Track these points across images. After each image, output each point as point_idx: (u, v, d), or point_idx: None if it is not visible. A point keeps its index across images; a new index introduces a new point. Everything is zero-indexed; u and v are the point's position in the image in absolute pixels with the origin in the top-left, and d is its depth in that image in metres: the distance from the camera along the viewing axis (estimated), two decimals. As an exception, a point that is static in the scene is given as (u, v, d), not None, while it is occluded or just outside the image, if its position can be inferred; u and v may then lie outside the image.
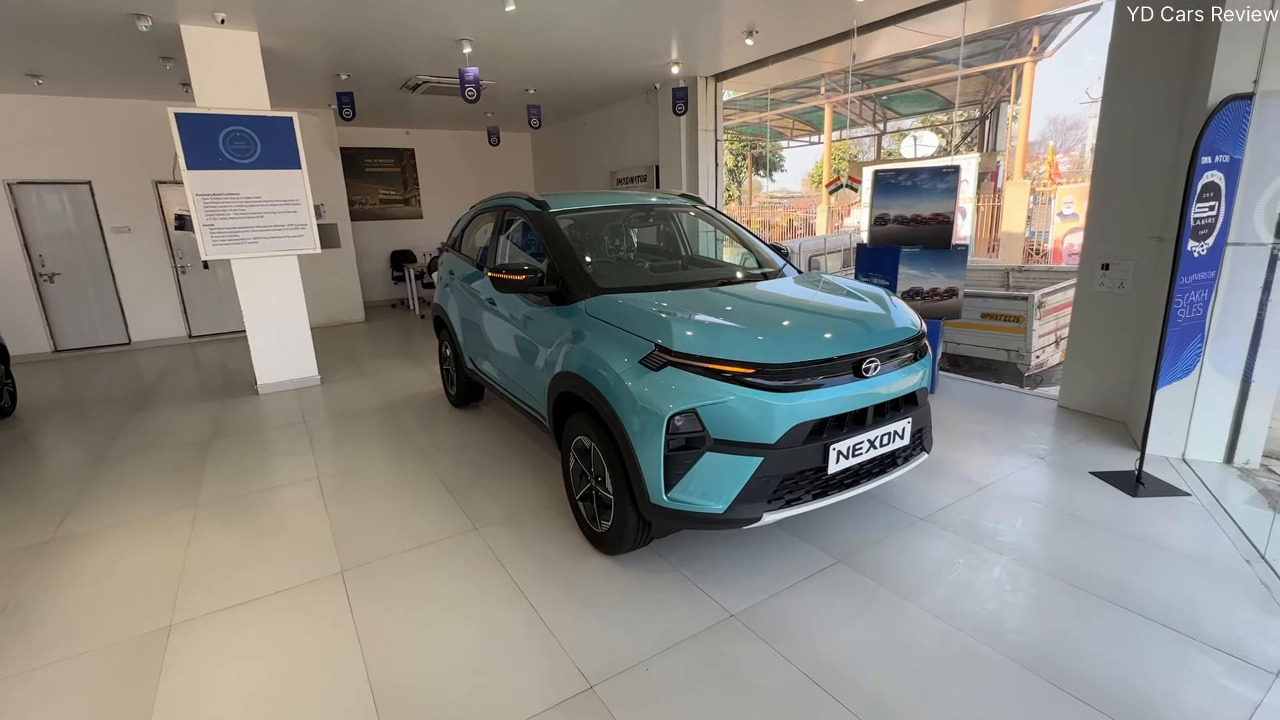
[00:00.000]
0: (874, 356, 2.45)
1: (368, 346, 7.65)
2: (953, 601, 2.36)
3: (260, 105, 5.25)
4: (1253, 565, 2.53)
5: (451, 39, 5.60)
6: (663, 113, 8.04)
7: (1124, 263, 3.96)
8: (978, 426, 4.14)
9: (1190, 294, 3.17)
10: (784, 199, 30.60)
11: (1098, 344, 4.18)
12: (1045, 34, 10.57)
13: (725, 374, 2.27)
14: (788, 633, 2.22)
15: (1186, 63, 3.51)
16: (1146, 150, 3.75)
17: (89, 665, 2.22)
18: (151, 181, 7.88)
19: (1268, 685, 1.92)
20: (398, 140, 10.78)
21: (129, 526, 3.26)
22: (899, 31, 6.00)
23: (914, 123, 21.04)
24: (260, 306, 5.59)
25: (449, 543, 2.93)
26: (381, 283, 11.03)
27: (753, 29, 5.69)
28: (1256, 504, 3.06)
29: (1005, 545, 2.72)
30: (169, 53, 5.57)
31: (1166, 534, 2.77)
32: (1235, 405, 3.42)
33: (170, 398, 5.73)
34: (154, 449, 4.39)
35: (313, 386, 5.83)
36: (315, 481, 3.70)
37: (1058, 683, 1.95)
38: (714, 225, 3.98)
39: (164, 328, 8.34)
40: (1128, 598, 2.34)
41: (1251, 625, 2.18)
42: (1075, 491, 3.20)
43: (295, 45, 5.62)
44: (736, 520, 2.31)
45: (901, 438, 2.59)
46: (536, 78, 7.33)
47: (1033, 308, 5.56)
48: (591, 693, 1.99)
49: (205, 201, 5.14)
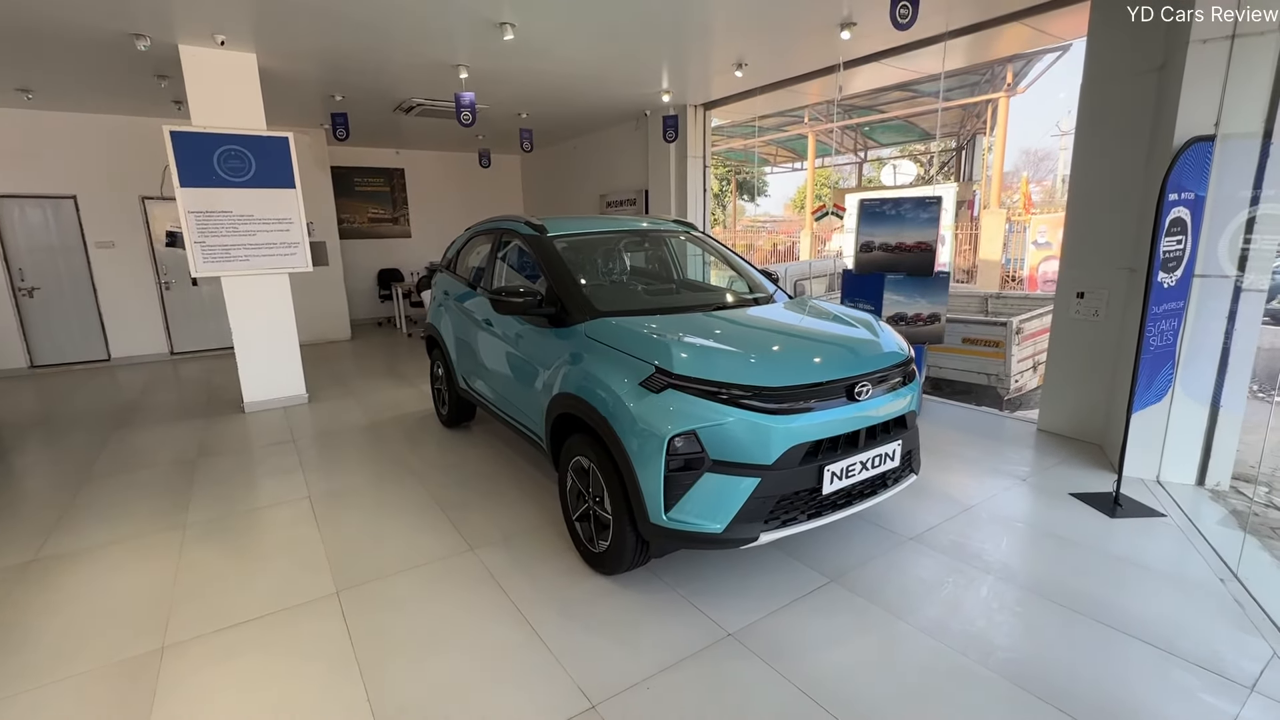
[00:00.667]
0: (866, 380, 2.54)
1: (355, 365, 7.61)
2: (943, 620, 2.42)
3: (256, 125, 5.29)
4: (1226, 584, 2.63)
5: (448, 64, 5.71)
6: (652, 138, 8.23)
7: (1098, 291, 4.14)
8: (961, 449, 4.25)
9: (1161, 323, 3.33)
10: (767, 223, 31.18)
11: (1074, 369, 4.34)
12: (1018, 70, 11.04)
13: (724, 396, 2.34)
14: (784, 651, 2.26)
15: (1153, 106, 3.72)
16: (1117, 186, 3.95)
17: (79, 689, 2.18)
18: (139, 197, 7.83)
19: (1243, 699, 2.00)
20: (388, 160, 10.85)
21: (116, 546, 3.20)
22: (881, 66, 6.25)
23: (893, 152, 21.67)
24: (250, 324, 5.56)
25: (445, 563, 2.93)
26: (368, 301, 11.00)
27: (742, 62, 5.89)
28: (1228, 524, 3.19)
29: (992, 565, 2.80)
30: (165, 71, 5.60)
31: (1144, 553, 2.88)
32: (1205, 429, 3.57)
33: (154, 415, 5.64)
34: (138, 467, 4.32)
35: (300, 405, 5.79)
36: (307, 501, 3.67)
37: (1046, 698, 2.01)
38: (708, 251, 4.09)
39: (145, 344, 8.22)
40: (1109, 615, 2.43)
41: (1227, 641, 2.27)
42: (1056, 512, 3.31)
43: (292, 67, 5.69)
44: (734, 540, 2.36)
45: (892, 459, 2.67)
46: (530, 102, 7.47)
47: (1011, 333, 5.75)
48: (594, 712, 2.00)
49: (198, 219, 5.14)
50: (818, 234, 17.54)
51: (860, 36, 5.22)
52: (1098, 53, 3.99)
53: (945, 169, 19.84)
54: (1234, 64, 3.17)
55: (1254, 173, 3.24)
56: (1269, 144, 3.19)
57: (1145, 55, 3.73)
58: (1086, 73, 4.06)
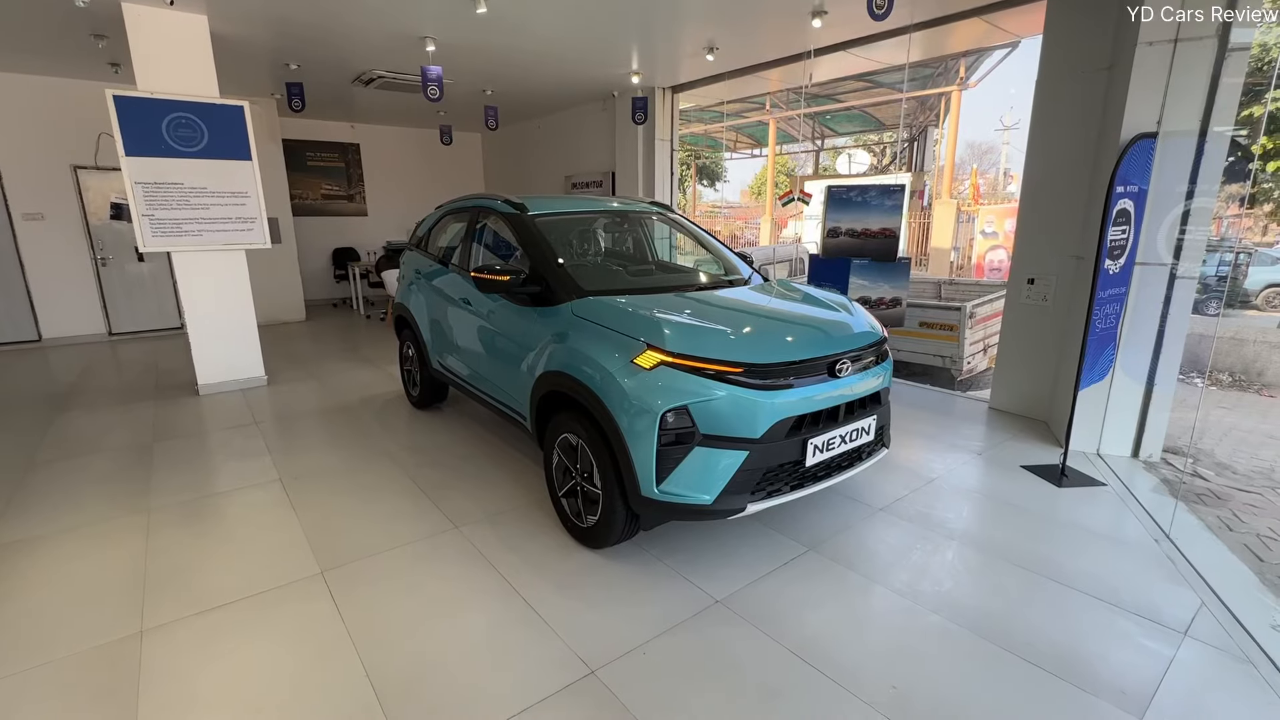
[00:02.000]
0: (846, 358, 2.66)
1: (313, 347, 7.36)
2: (914, 582, 2.59)
3: (209, 92, 5.01)
4: (1159, 543, 2.90)
5: (414, 36, 5.54)
6: (620, 120, 8.19)
7: (1047, 278, 4.41)
8: (921, 426, 4.48)
9: (1106, 307, 3.59)
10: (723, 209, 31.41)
11: (1024, 351, 4.62)
12: (970, 65, 11.46)
13: (714, 373, 2.42)
14: (771, 615, 2.38)
15: (1102, 103, 3.96)
16: (1066, 178, 4.20)
17: (57, 675, 2.11)
18: (70, 166, 7.30)
19: (1177, 643, 2.23)
20: (343, 134, 10.43)
21: (74, 533, 3.06)
22: (845, 56, 6.40)
23: (848, 141, 22.14)
24: (204, 302, 5.31)
25: (430, 542, 2.93)
26: (323, 281, 10.62)
27: (713, 46, 5.92)
28: (1160, 492, 3.49)
29: (955, 531, 3.00)
30: (103, 30, 5.23)
31: (1088, 518, 3.13)
32: (1141, 406, 3.88)
33: (98, 399, 5.34)
34: (89, 452, 4.10)
35: (259, 387, 5.58)
36: (278, 484, 3.58)
37: (1009, 648, 2.19)
38: (685, 233, 4.14)
39: (80, 324, 7.72)
40: (1059, 572, 2.65)
41: (1163, 593, 2.52)
42: (1010, 483, 3.55)
43: (245, 31, 5.40)
44: (723, 511, 2.46)
45: (868, 434, 2.82)
46: (496, 79, 7.31)
47: (965, 318, 6.05)
48: (593, 676, 2.07)
49: (145, 190, 4.86)
50: (778, 220, 17.83)
51: (830, 25, 5.32)
52: (1052, 50, 4.21)
53: (898, 159, 20.43)
54: (1176, 66, 3.42)
55: (1190, 169, 3.51)
56: (1204, 142, 3.46)
57: (1096, 55, 3.96)
58: (1041, 69, 4.28)
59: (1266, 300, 10.96)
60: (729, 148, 24.21)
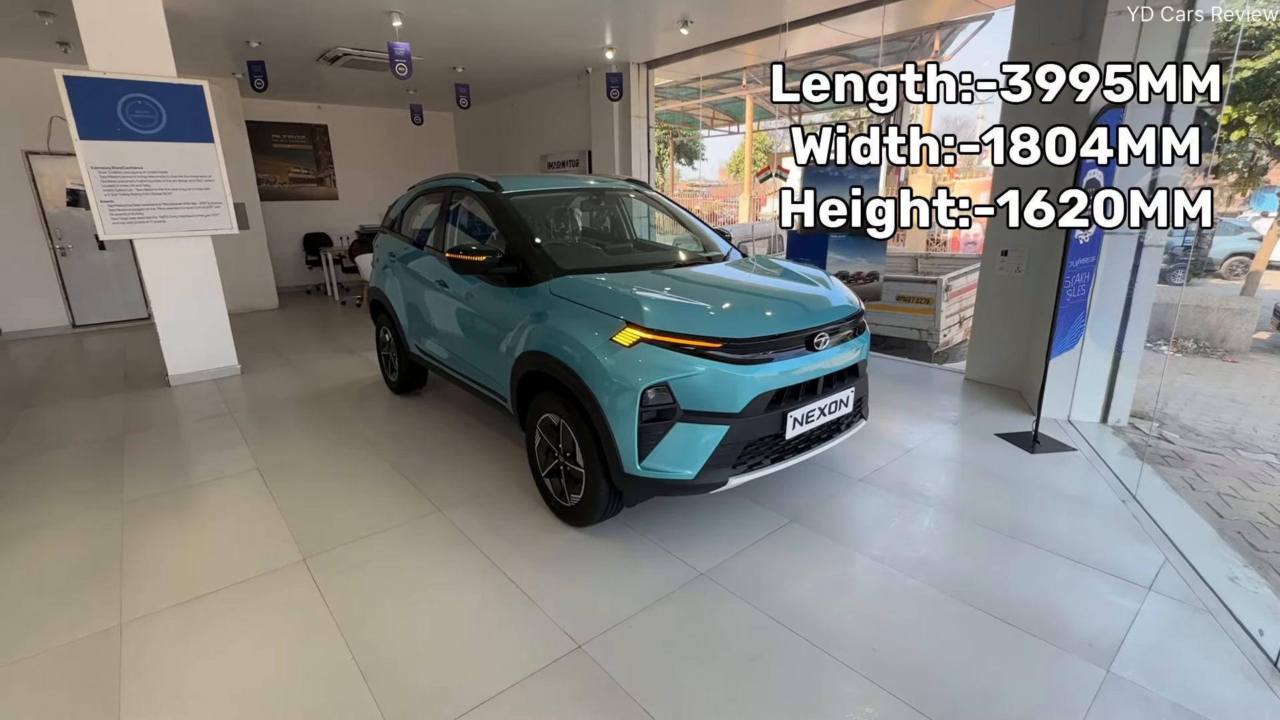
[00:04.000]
0: (823, 332, 2.68)
1: (287, 335, 7.22)
2: (893, 549, 2.65)
3: (165, 71, 4.81)
4: (1126, 504, 3.00)
5: (380, 11, 5.37)
6: (595, 97, 8.06)
7: (1020, 250, 4.47)
8: (898, 398, 4.56)
9: (1076, 276, 3.65)
10: (702, 187, 31.24)
11: (998, 322, 4.70)
12: (945, 38, 11.44)
13: (694, 349, 2.42)
14: (754, 585, 2.42)
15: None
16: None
17: (36, 670, 2.07)
18: (21, 152, 7.00)
19: (1142, 597, 2.32)
20: (309, 115, 10.13)
21: (45, 529, 2.99)
22: (820, 29, 6.35)
23: (825, 117, 22.10)
24: (170, 291, 5.16)
25: (413, 525, 2.92)
26: (295, 267, 10.38)
27: (687, 19, 5.83)
28: (1127, 455, 3.60)
29: (932, 499, 3.07)
30: (47, 7, 4.98)
31: (1059, 482, 3.22)
32: (1110, 373, 3.98)
33: (63, 392, 5.19)
34: (56, 447, 4.00)
35: (233, 376, 5.47)
36: (256, 473, 3.53)
37: (983, 608, 2.26)
38: (663, 211, 4.12)
39: (41, 317, 7.47)
40: (1031, 535, 2.73)
41: (1128, 552, 2.61)
42: (984, 451, 3.63)
43: (202, 7, 5.20)
44: (705, 485, 2.48)
45: (846, 406, 2.85)
46: (466, 56, 7.14)
47: (941, 291, 6.13)
48: (581, 651, 2.10)
49: (103, 175, 4.68)
50: (757, 197, 17.80)
51: (805, -3, 5.28)
52: (1024, 21, 4.22)
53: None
54: (1144, 35, 3.45)
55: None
56: (1170, 110, 3.51)
57: (1067, 25, 3.98)
58: (1014, 40, 4.29)
59: (1230, 269, 11.28)
60: (706, 125, 24.05)
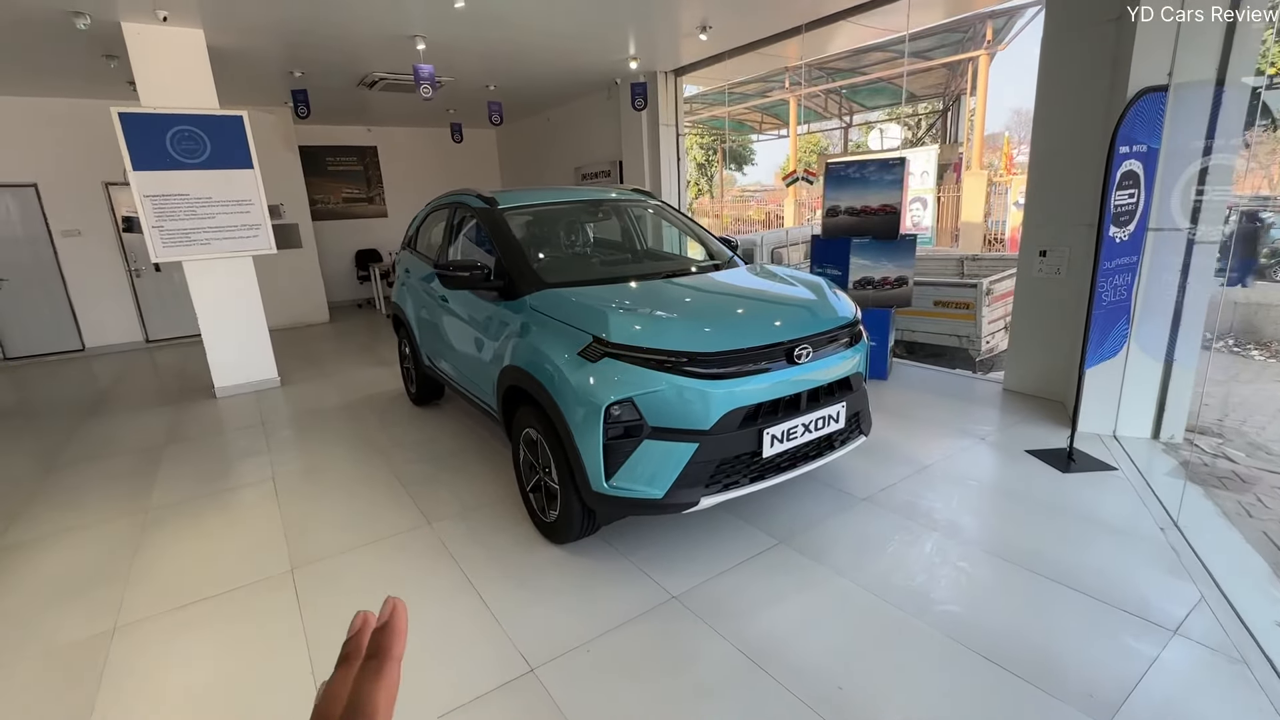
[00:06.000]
0: (806, 343, 2.53)
1: (331, 347, 7.57)
2: (886, 576, 2.46)
3: (208, 104, 5.16)
4: (1165, 532, 2.68)
5: (405, 35, 5.56)
6: (624, 108, 8.07)
7: (1060, 249, 4.12)
8: (926, 411, 4.28)
9: (1114, 278, 3.32)
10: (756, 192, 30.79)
11: (1038, 328, 4.34)
12: (999, 27, 10.81)
13: (660, 363, 2.34)
14: (725, 611, 2.30)
15: (1111, 57, 3.65)
16: (1079, 141, 3.90)
17: (29, 670, 2.21)
18: (102, 183, 7.68)
19: (1165, 641, 2.05)
20: (360, 138, 10.64)
21: (77, 533, 3.22)
22: (853, 26, 6.12)
23: (880, 115, 21.33)
24: (215, 308, 5.51)
25: (400, 538, 2.96)
26: (346, 283, 10.90)
27: (705, 24, 5.75)
28: (1177, 476, 3.23)
29: (939, 522, 2.84)
30: (112, 51, 5.44)
31: (1091, 506, 2.92)
32: (1160, 383, 3.59)
33: (125, 403, 5.62)
34: (106, 455, 4.32)
35: (272, 388, 5.77)
36: (270, 482, 3.69)
37: (976, 649, 2.06)
38: (664, 220, 4.05)
39: (119, 333, 8.15)
40: (1045, 564, 2.47)
41: (1157, 587, 2.32)
42: (1010, 469, 3.35)
43: (245, 42, 5.53)
44: (675, 505, 2.39)
45: (836, 421, 2.68)
46: (496, 74, 7.30)
47: (981, 294, 5.74)
48: (532, 675, 2.04)
49: (154, 203, 5.05)
50: (804, 201, 17.35)
51: (824, -6, 5.09)
52: (1058, 2, 3.91)
53: (931, 131, 19.59)
54: (1189, 8, 3.11)
55: (1206, 122, 3.20)
56: (1221, 92, 3.15)
57: (1103, 4, 3.65)
58: (1047, 24, 3.98)
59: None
60: (755, 129, 23.69)
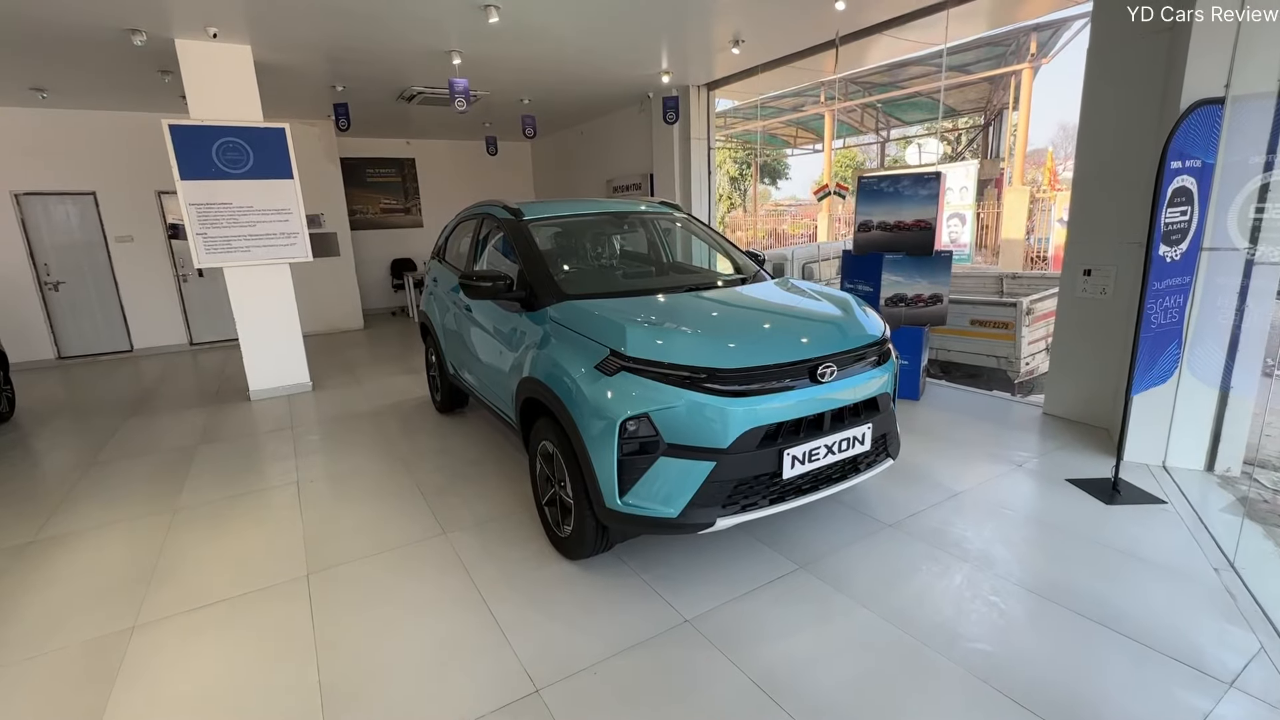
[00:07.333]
0: (830, 362, 2.44)
1: (364, 353, 7.72)
2: (909, 609, 2.34)
3: (253, 117, 5.35)
4: (1220, 573, 2.49)
5: (441, 50, 5.69)
6: (656, 122, 8.10)
7: (1105, 269, 3.93)
8: (960, 433, 4.11)
9: (1165, 299, 3.14)
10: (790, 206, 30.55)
11: (1081, 350, 4.14)
12: (1044, 41, 10.54)
13: (677, 379, 2.28)
14: (739, 639, 2.21)
15: (1163, 68, 3.49)
16: (1126, 155, 3.73)
17: (51, 665, 2.26)
18: (154, 191, 8.03)
19: (1219, 695, 1.88)
20: (399, 150, 10.92)
21: (108, 529, 3.31)
22: (889, 40, 6.02)
23: (919, 130, 20.98)
24: (252, 313, 5.67)
25: (415, 547, 2.95)
26: (382, 291, 11.14)
27: (739, 38, 5.73)
28: (1233, 512, 3.01)
29: (970, 553, 2.70)
30: (167, 66, 5.69)
31: (1137, 541, 2.73)
32: (1215, 411, 3.37)
33: (165, 403, 5.81)
34: (142, 454, 4.45)
35: (304, 393, 5.90)
36: (294, 486, 3.74)
37: (1006, 691, 1.93)
38: (690, 233, 4.00)
39: (166, 335, 8.47)
40: (1087, 605, 2.31)
41: (1212, 634, 2.15)
42: (1049, 498, 3.17)
43: (289, 58, 5.73)
44: (690, 525, 2.31)
45: (862, 443, 2.58)
46: (529, 88, 7.41)
47: (1021, 314, 5.52)
48: (536, 696, 1.99)
49: (198, 211, 5.24)
50: (840, 216, 17.13)
51: (860, 8, 5.02)
52: (1105, 11, 3.76)
53: (972, 145, 19.17)
54: (1247, 15, 2.94)
55: (1267, 136, 3.01)
56: (1285, 104, 2.96)
57: (1153, 13, 3.48)
58: (1094, 35, 3.83)
59: None
60: (790, 144, 23.54)
